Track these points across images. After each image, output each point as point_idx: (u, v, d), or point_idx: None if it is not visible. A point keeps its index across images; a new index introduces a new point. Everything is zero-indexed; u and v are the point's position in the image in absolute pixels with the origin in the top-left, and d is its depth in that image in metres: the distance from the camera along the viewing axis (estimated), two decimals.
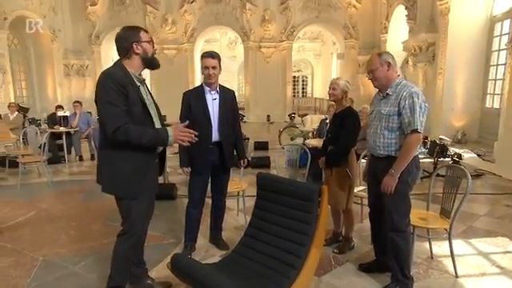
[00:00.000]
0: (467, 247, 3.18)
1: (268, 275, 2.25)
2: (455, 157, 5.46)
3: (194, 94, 2.90)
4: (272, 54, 14.28)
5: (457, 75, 8.97)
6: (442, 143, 5.75)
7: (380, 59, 2.38)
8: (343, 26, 13.82)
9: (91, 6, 14.26)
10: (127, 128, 1.94)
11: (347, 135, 2.95)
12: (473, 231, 3.53)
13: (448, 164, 2.87)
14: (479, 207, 4.27)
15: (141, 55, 2.10)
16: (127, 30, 2.15)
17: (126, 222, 2.15)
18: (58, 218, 4.05)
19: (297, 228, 2.41)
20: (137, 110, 2.05)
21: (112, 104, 1.95)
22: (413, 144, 2.26)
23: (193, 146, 2.87)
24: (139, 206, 2.13)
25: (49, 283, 2.65)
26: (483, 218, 3.90)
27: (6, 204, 4.51)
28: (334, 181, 3.01)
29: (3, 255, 3.11)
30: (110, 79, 1.98)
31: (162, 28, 14.48)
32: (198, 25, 14.45)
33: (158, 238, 3.40)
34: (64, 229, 3.69)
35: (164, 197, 4.53)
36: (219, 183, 3.07)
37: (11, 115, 7.76)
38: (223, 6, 14.20)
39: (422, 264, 2.87)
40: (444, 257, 2.92)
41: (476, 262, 2.91)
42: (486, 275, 2.71)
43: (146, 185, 2.13)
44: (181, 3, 14.23)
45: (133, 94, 2.03)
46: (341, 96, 3.02)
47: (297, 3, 13.71)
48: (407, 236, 2.42)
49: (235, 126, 3.09)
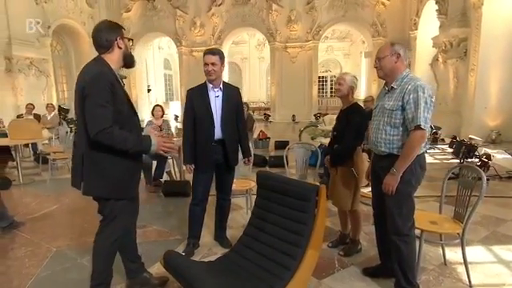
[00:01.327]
0: (487, 254, 2.87)
1: (262, 276, 2.13)
2: (483, 157, 5.01)
3: (197, 92, 2.82)
4: (298, 54, 14.05)
5: (490, 71, 8.32)
6: (470, 143, 5.31)
7: (391, 48, 2.18)
8: (371, 24, 13.32)
9: (126, 13, 14.79)
10: (112, 131, 1.85)
11: (352, 132, 2.75)
12: (496, 237, 3.19)
13: (462, 164, 2.60)
14: (507, 212, 3.87)
15: (123, 50, 2.03)
16: (110, 24, 2.05)
17: (109, 222, 2.09)
18: (76, 212, 4.15)
19: (293, 228, 2.27)
20: (124, 108, 1.98)
21: (102, 105, 1.86)
22: (416, 141, 2.05)
23: (196, 143, 2.85)
24: (125, 206, 2.09)
25: (57, 273, 2.69)
26: (510, 224, 3.53)
27: (35, 197, 4.71)
28: (339, 180, 2.84)
29: (21, 245, 3.22)
30: (102, 77, 1.89)
31: (191, 31, 14.71)
32: (225, 27, 14.53)
33: (165, 234, 3.40)
34: (79, 222, 3.77)
35: (178, 194, 4.54)
36: (223, 182, 2.98)
37: (49, 115, 8.16)
38: (249, 8, 14.17)
39: (434, 271, 2.62)
40: (459, 264, 2.65)
41: (495, 271, 2.61)
42: (506, 286, 2.43)
43: (132, 186, 2.11)
44: (209, 6, 14.37)
45: (120, 92, 1.96)
46: (347, 92, 2.82)
47: (323, 2, 13.39)
48: (410, 240, 2.20)
49: (240, 124, 2.98)
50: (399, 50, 2.18)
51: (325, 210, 2.33)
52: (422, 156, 2.18)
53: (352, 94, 2.85)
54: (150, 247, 3.06)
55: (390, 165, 2.13)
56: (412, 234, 2.21)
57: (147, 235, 3.38)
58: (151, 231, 3.47)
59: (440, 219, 2.55)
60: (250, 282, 2.10)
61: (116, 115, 1.91)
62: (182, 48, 15.01)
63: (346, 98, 2.85)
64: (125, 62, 2.08)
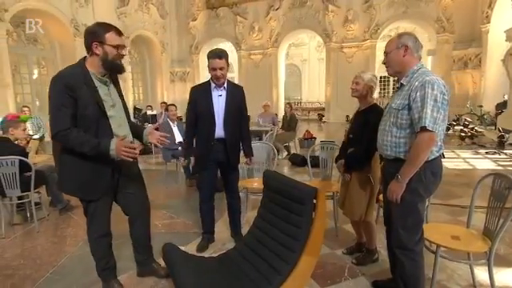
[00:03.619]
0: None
1: (254, 278, 2.03)
2: None
3: (201, 90, 2.76)
4: (354, 53, 13.33)
5: None
6: None
7: (397, 41, 1.90)
8: (435, 20, 12.03)
9: (192, 22, 15.54)
10: (67, 134, 1.82)
11: (370, 134, 2.41)
12: None
13: (495, 172, 2.15)
14: None
15: (100, 56, 1.89)
16: (96, 26, 1.93)
17: (88, 221, 2.14)
18: None
19: (290, 232, 2.13)
20: (88, 112, 1.88)
21: (56, 107, 1.84)
22: (423, 145, 1.74)
23: (197, 141, 2.83)
24: (96, 206, 2.06)
25: (84, 255, 2.73)
26: None
27: None
28: (353, 187, 2.55)
29: (68, 225, 3.54)
30: (58, 81, 1.84)
31: (250, 35, 14.88)
32: (282, 30, 14.40)
33: (188, 227, 3.46)
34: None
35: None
36: (228, 180, 2.93)
37: None
38: (306, 10, 13.84)
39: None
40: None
41: None
42: None
43: (100, 187, 2.02)
44: (267, 11, 14.38)
45: (84, 96, 1.86)
46: (365, 92, 2.52)
47: (382, 0, 12.48)
48: (415, 256, 1.89)
49: (242, 124, 2.88)
50: (407, 42, 1.87)
51: (323, 215, 2.12)
52: (434, 162, 1.85)
53: (371, 93, 2.55)
54: (171, 237, 3.13)
55: (397, 170, 1.86)
56: (418, 250, 1.90)
57: (172, 226, 3.48)
58: (176, 223, 3.57)
59: (465, 234, 2.16)
60: (239, 282, 2.01)
61: (79, 118, 1.87)
62: (241, 52, 15.28)
63: (363, 98, 2.56)
64: (104, 68, 1.94)
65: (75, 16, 10.99)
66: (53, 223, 3.63)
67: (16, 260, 2.81)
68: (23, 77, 10.75)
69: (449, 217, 3.52)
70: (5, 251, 2.99)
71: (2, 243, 3.15)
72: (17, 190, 3.30)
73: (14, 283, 2.45)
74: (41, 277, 2.51)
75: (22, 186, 3.31)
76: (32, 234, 3.33)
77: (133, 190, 2.23)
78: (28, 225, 3.52)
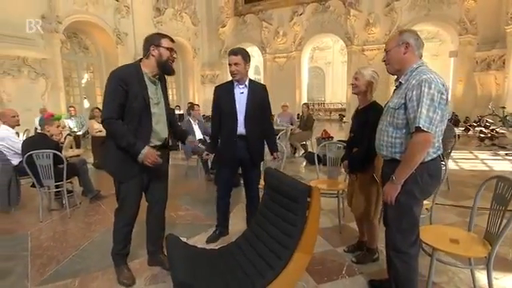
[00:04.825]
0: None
1: (249, 272, 1.98)
2: None
3: (224, 88, 2.74)
4: (375, 56, 12.78)
5: None
6: None
7: (398, 38, 1.74)
8: (458, 21, 11.25)
9: (221, 28, 15.65)
10: (113, 122, 1.98)
11: (370, 134, 2.27)
12: None
13: (498, 175, 1.94)
14: None
15: (156, 58, 2.06)
16: (154, 34, 2.14)
17: (118, 208, 2.21)
18: None
19: (284, 229, 2.06)
20: (136, 105, 2.03)
21: (109, 96, 2.00)
22: (417, 146, 1.59)
23: (220, 138, 2.80)
24: (127, 189, 2.14)
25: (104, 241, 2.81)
26: None
27: None
28: (358, 187, 2.43)
29: (96, 213, 3.67)
30: (113, 75, 2.02)
31: (275, 40, 14.73)
32: (305, 34, 14.12)
33: (200, 219, 3.46)
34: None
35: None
36: (249, 177, 2.85)
37: None
38: (328, 15, 13.47)
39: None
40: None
41: None
42: None
43: (132, 172, 2.10)
44: (291, 16, 14.17)
45: (134, 91, 2.01)
46: (365, 88, 2.35)
47: (404, 3, 11.86)
48: (409, 259, 1.75)
49: (265, 120, 2.81)
50: (408, 39, 1.71)
51: (317, 213, 2.03)
52: (432, 163, 1.70)
53: (371, 90, 2.38)
54: (182, 228, 3.17)
55: (392, 171, 1.73)
56: (412, 253, 1.76)
57: (185, 217, 3.50)
58: (190, 214, 3.58)
59: (465, 238, 1.98)
60: (233, 275, 1.96)
61: (127, 109, 2.01)
62: (267, 55, 15.19)
63: (363, 95, 2.39)
64: (159, 68, 2.11)
65: (117, 26, 11.41)
66: (83, 210, 3.78)
67: (47, 242, 2.95)
68: (74, 81, 11.36)
69: (458, 218, 3.27)
70: (40, 233, 3.15)
71: (39, 226, 3.33)
72: (51, 180, 3.47)
73: (42, 262, 2.57)
74: (64, 258, 2.62)
75: (55, 176, 3.47)
76: (64, 220, 3.49)
77: (158, 183, 2.32)
78: (62, 211, 3.70)
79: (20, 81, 8.47)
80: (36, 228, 3.27)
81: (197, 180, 5.01)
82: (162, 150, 2.19)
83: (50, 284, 2.27)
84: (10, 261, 2.61)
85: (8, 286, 2.27)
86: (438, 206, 3.59)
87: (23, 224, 3.40)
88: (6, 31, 8.24)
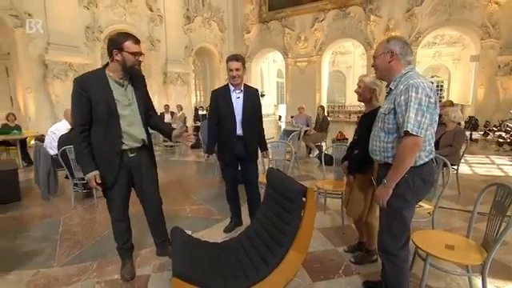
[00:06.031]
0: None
1: (245, 267, 1.98)
2: None
3: (221, 93, 2.74)
4: None
5: None
6: None
7: (385, 45, 1.67)
8: (480, 26, 10.53)
9: (246, 34, 15.70)
10: (76, 137, 1.92)
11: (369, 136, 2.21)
12: None
13: (497, 182, 1.78)
14: None
15: (120, 62, 1.90)
16: (117, 35, 1.91)
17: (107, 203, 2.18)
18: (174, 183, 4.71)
19: (280, 227, 2.04)
20: (100, 110, 1.90)
21: (72, 105, 1.91)
22: (406, 150, 1.52)
23: (220, 139, 2.82)
24: (111, 193, 2.08)
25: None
26: None
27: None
28: (356, 188, 2.35)
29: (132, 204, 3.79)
30: (75, 82, 1.91)
31: (296, 45, 14.56)
32: (326, 39, 13.83)
33: (211, 213, 3.48)
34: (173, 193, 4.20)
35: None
36: (246, 172, 2.87)
37: (178, 113, 9.37)
38: (349, 21, 13.10)
39: None
40: None
41: None
42: None
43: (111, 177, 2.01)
44: (312, 22, 13.93)
45: (96, 97, 1.88)
46: (368, 95, 2.28)
47: (424, 8, 11.28)
48: (399, 262, 1.67)
49: (257, 122, 2.83)
50: (393, 47, 1.63)
51: (312, 213, 1.98)
52: (424, 167, 1.61)
53: (376, 97, 2.30)
54: (194, 222, 3.21)
55: (385, 175, 1.65)
56: (401, 256, 1.67)
57: (197, 211, 3.54)
58: (202, 209, 3.62)
59: (462, 244, 1.85)
60: (231, 268, 1.96)
61: (94, 115, 1.91)
62: (288, 59, 15.04)
63: (368, 101, 2.32)
64: (124, 73, 1.97)
65: (151, 33, 11.78)
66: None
67: (75, 227, 3.11)
68: None
69: (463, 223, 3.07)
70: (71, 220, 3.33)
71: (71, 213, 3.51)
72: (81, 172, 3.63)
73: (68, 245, 2.71)
74: (87, 243, 2.75)
75: None
76: (92, 209, 3.66)
77: (145, 187, 2.19)
78: (92, 201, 3.86)
79: (66, 83, 8.97)
80: (68, 215, 3.46)
81: (213, 177, 5.07)
82: (142, 151, 2.12)
83: (72, 265, 2.39)
84: (43, 242, 2.78)
85: (37, 264, 2.41)
86: (445, 211, 3.40)
87: (58, 210, 3.60)
88: (58, 41, 8.83)
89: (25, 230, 3.06)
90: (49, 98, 8.84)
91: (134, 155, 2.08)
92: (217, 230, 2.97)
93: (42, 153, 3.86)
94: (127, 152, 2.05)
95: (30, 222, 3.30)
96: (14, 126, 6.42)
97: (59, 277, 2.24)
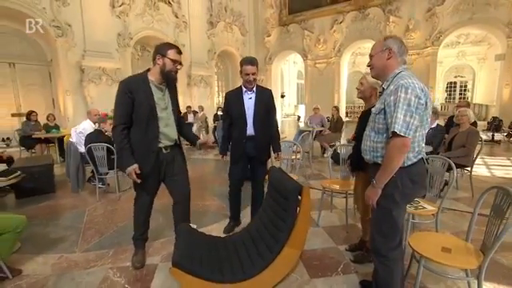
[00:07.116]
0: None
1: (244, 261, 2.02)
2: None
3: (234, 94, 2.74)
4: (414, 60, 11.72)
5: None
6: None
7: (382, 43, 1.62)
8: (506, 24, 9.80)
9: (267, 37, 15.67)
10: (117, 134, 2.03)
11: None
12: None
13: (497, 186, 1.67)
14: None
15: (160, 66, 2.04)
16: (164, 44, 2.08)
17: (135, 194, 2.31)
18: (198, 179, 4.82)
19: (277, 224, 2.06)
20: (142, 111, 2.02)
21: (116, 105, 2.03)
22: (394, 150, 1.47)
23: (231, 139, 2.83)
24: (141, 185, 2.16)
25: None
26: None
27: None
28: (361, 186, 2.30)
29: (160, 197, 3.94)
30: (121, 84, 2.04)
31: (316, 47, 14.32)
32: (345, 41, 13.48)
33: (220, 209, 3.52)
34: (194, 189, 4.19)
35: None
36: (255, 173, 2.85)
37: (199, 113, 9.54)
38: (368, 22, 12.68)
39: None
40: None
41: None
42: None
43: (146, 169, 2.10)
44: (331, 24, 13.63)
45: (140, 99, 2.01)
46: (369, 93, 2.24)
47: (446, 7, 10.67)
48: (390, 263, 1.62)
49: (270, 123, 2.77)
50: (391, 45, 1.58)
51: (307, 211, 1.98)
52: (413, 168, 1.55)
53: (376, 95, 2.24)
54: (204, 216, 3.26)
55: (374, 175, 1.61)
56: (392, 257, 1.61)
57: (209, 207, 3.60)
58: (213, 205, 3.68)
59: (459, 247, 1.75)
60: (229, 262, 2.00)
61: (135, 115, 2.02)
62: (308, 61, 14.83)
63: (368, 99, 2.27)
64: (161, 77, 2.09)
65: (176, 38, 12.08)
66: (131, 194, 4.02)
67: (98, 218, 3.28)
68: None
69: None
70: (95, 211, 3.52)
71: (96, 205, 3.71)
72: (105, 168, 3.84)
73: (90, 234, 2.88)
74: (106, 232, 2.90)
75: (108, 165, 3.83)
76: (115, 201, 3.84)
77: (177, 177, 2.27)
78: (115, 194, 4.06)
79: (100, 86, 9.47)
80: (92, 206, 3.66)
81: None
82: (174, 148, 2.24)
83: (91, 252, 2.53)
84: (69, 230, 2.96)
85: (62, 249, 2.58)
86: (455, 213, 3.22)
87: (85, 202, 3.82)
88: (93, 48, 9.34)
89: (55, 219, 3.28)
90: (84, 100, 9.37)
91: (167, 152, 2.20)
92: (225, 225, 3.00)
93: (73, 150, 4.10)
94: (162, 149, 2.17)
95: (61, 211, 3.53)
96: (54, 125, 6.88)
97: (79, 261, 2.38)
